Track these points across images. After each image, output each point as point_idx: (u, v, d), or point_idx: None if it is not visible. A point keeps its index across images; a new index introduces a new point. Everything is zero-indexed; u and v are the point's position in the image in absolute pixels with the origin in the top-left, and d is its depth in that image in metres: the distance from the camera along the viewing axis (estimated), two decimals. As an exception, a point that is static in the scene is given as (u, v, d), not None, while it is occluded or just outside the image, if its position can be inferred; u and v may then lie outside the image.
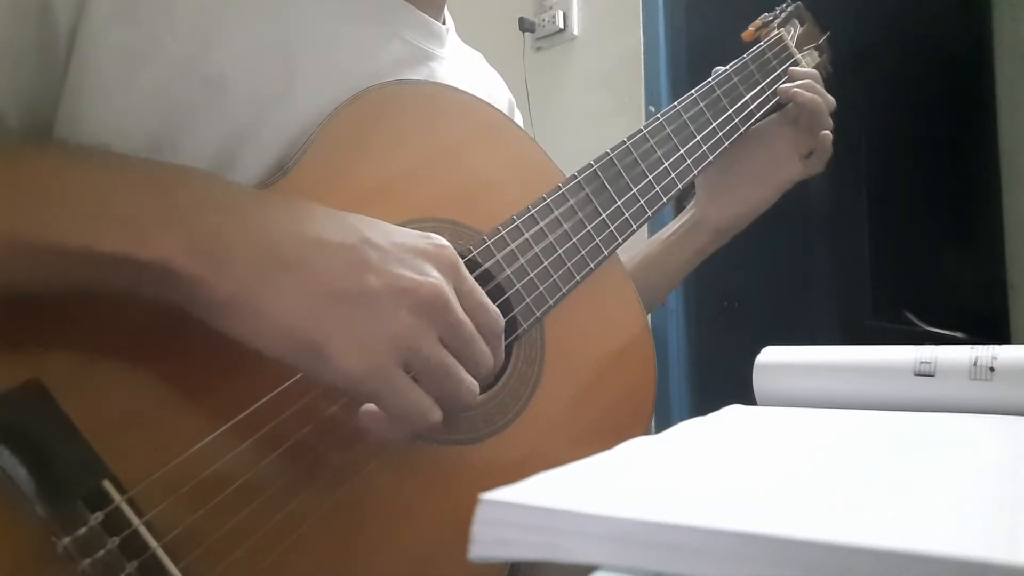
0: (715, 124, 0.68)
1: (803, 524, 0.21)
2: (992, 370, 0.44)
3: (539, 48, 1.97)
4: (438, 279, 0.41)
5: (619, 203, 0.60)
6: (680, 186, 0.65)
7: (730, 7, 1.06)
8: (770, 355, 0.51)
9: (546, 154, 0.61)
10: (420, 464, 0.48)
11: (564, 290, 0.56)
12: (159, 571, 0.38)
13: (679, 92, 0.93)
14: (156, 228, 0.38)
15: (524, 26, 1.94)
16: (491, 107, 0.59)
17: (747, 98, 0.72)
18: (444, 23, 0.65)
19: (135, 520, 0.38)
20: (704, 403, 1.61)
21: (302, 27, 0.52)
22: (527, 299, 0.54)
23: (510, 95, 0.76)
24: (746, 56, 0.74)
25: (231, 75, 0.48)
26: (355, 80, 0.52)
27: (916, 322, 1.64)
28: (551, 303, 0.55)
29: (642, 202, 0.62)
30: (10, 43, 0.43)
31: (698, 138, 0.67)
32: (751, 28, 0.80)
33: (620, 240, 0.60)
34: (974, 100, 1.73)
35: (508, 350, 0.54)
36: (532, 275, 0.54)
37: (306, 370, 0.40)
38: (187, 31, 0.47)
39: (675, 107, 0.66)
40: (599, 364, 0.58)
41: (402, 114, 0.54)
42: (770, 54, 0.75)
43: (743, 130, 0.71)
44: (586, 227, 0.58)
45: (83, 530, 0.36)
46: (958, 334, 1.51)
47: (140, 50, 0.45)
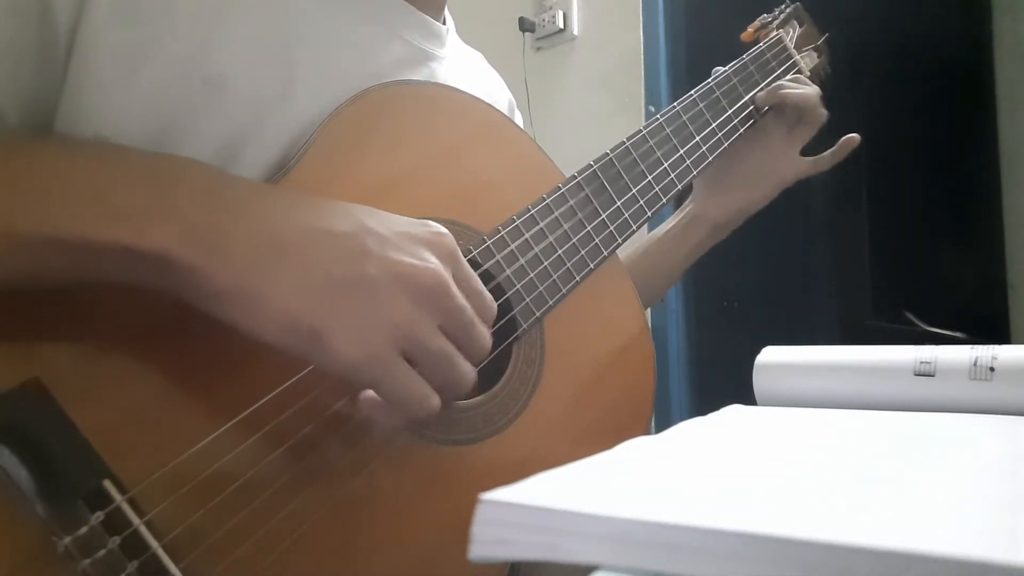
0: (714, 125, 0.68)
1: (803, 524, 0.21)
2: (992, 370, 0.44)
3: (539, 48, 1.97)
4: (437, 265, 0.41)
5: (619, 203, 0.60)
6: (679, 187, 0.65)
7: (730, 8, 1.06)
8: (770, 355, 0.51)
9: (546, 154, 0.61)
10: (420, 464, 0.48)
11: (564, 290, 0.56)
12: (160, 571, 0.38)
13: (679, 92, 0.93)
14: (154, 218, 0.38)
15: (524, 26, 1.95)
16: (491, 107, 0.59)
17: (746, 99, 0.72)
18: (444, 23, 0.65)
19: (136, 520, 0.38)
20: (704, 403, 1.61)
21: (302, 27, 0.52)
22: (527, 299, 0.54)
23: (510, 95, 0.76)
24: (745, 57, 0.74)
25: (231, 75, 0.48)
26: (355, 80, 0.52)
27: (916, 322, 1.64)
28: (551, 303, 0.55)
29: (642, 202, 0.62)
30: (10, 43, 0.43)
31: (697, 139, 0.67)
32: (750, 29, 0.80)
33: (620, 240, 0.60)
34: (974, 100, 1.73)
35: (508, 350, 0.54)
36: (532, 275, 0.54)
37: (305, 357, 0.40)
38: (187, 31, 0.47)
39: (675, 108, 0.67)
40: (599, 364, 0.58)
41: (402, 114, 0.54)
42: (769, 55, 0.75)
43: (742, 131, 0.71)
44: (586, 227, 0.58)
45: (84, 530, 0.36)
46: (958, 334, 1.51)
47: (140, 50, 0.45)
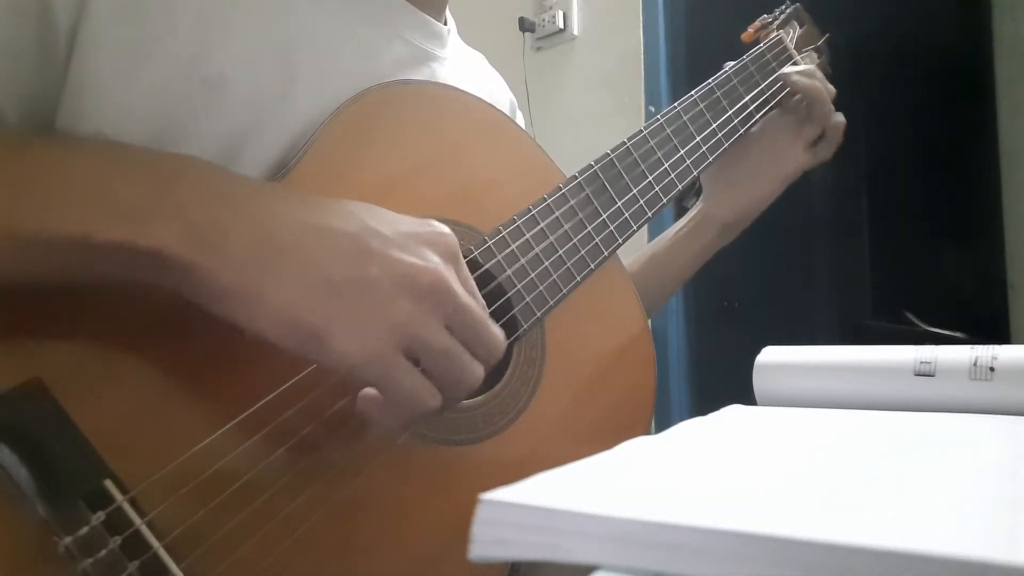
0: (715, 125, 0.68)
1: (803, 524, 0.21)
2: (992, 370, 0.44)
3: (539, 48, 1.97)
4: (439, 265, 0.41)
5: (619, 204, 0.60)
6: (680, 187, 0.65)
7: (730, 8, 1.06)
8: (770, 355, 0.51)
9: (547, 154, 0.61)
10: (420, 464, 0.48)
11: (564, 291, 0.56)
12: (160, 571, 0.38)
13: (679, 92, 0.93)
14: (154, 217, 0.38)
15: (524, 26, 1.94)
16: (492, 107, 0.59)
17: (746, 99, 0.72)
18: (445, 24, 0.65)
19: (136, 520, 0.38)
20: (704, 403, 1.61)
21: (303, 27, 0.52)
22: (527, 299, 0.54)
23: (512, 96, 0.76)
24: (746, 57, 0.74)
25: (232, 75, 0.48)
26: (356, 80, 0.52)
27: (916, 322, 1.64)
28: (551, 303, 0.55)
29: (642, 203, 0.62)
30: (10, 42, 0.43)
31: (698, 139, 0.67)
32: (750, 30, 0.80)
33: (620, 241, 0.60)
34: (974, 100, 1.73)
35: (509, 350, 0.54)
36: (533, 275, 0.54)
37: (306, 356, 0.40)
38: (188, 30, 0.47)
39: (675, 108, 0.67)
40: (599, 364, 0.58)
41: (403, 114, 0.54)
42: (769, 56, 0.75)
43: (742, 131, 0.71)
44: (587, 228, 0.58)
45: (84, 530, 0.36)
46: (958, 334, 1.51)
47: (141, 49, 0.46)
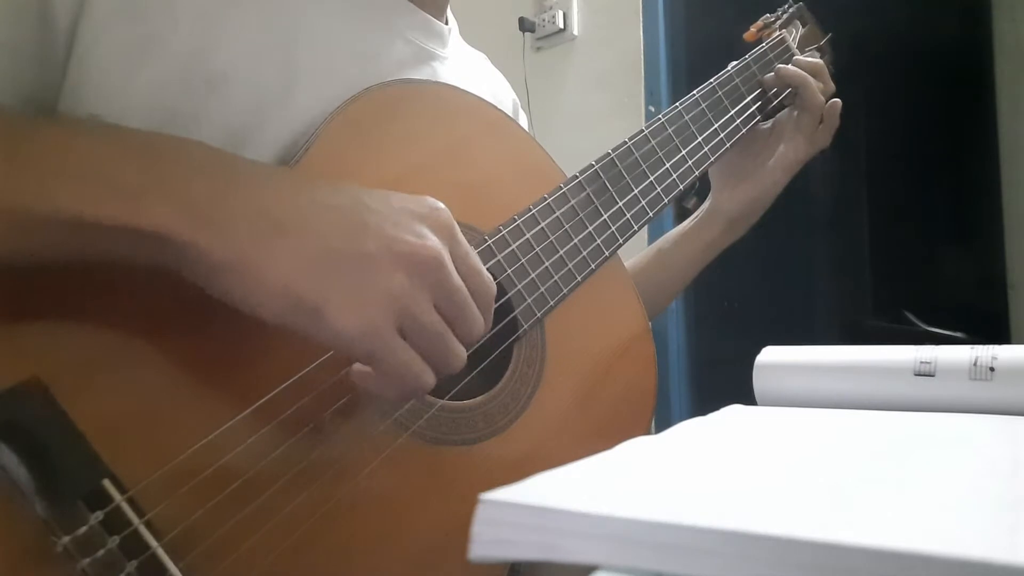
0: (717, 125, 0.68)
1: (803, 524, 0.21)
2: (992, 370, 0.44)
3: (539, 48, 1.97)
4: (434, 242, 0.41)
5: (620, 204, 0.60)
6: (681, 187, 0.65)
7: (730, 8, 1.06)
8: (770, 355, 0.51)
9: (548, 154, 0.61)
10: (421, 464, 0.48)
11: (565, 291, 0.56)
12: (159, 570, 0.38)
13: (679, 92, 0.93)
14: (151, 195, 0.38)
15: (524, 26, 1.94)
16: (492, 106, 0.59)
17: (748, 99, 0.72)
18: (447, 23, 0.65)
19: (135, 519, 0.38)
20: (704, 403, 1.61)
21: (304, 26, 0.52)
22: (528, 299, 0.54)
23: (515, 96, 0.76)
24: (748, 57, 0.74)
25: (232, 74, 0.48)
26: (357, 80, 0.52)
27: (916, 322, 1.64)
28: (552, 304, 0.55)
29: (643, 203, 0.62)
30: (8, 41, 0.43)
31: (700, 139, 0.67)
32: (753, 29, 0.80)
33: (621, 241, 0.60)
34: (974, 100, 1.73)
35: (509, 350, 0.54)
36: (533, 275, 0.54)
37: (301, 330, 0.40)
38: (189, 29, 0.47)
39: (677, 107, 0.66)
40: (600, 365, 0.58)
41: (404, 113, 0.54)
42: (772, 55, 0.75)
43: (744, 131, 0.71)
44: (587, 227, 0.58)
45: (83, 529, 0.36)
46: (958, 334, 1.51)
47: (142, 48, 0.46)
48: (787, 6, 0.82)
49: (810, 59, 0.76)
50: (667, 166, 0.64)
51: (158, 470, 0.39)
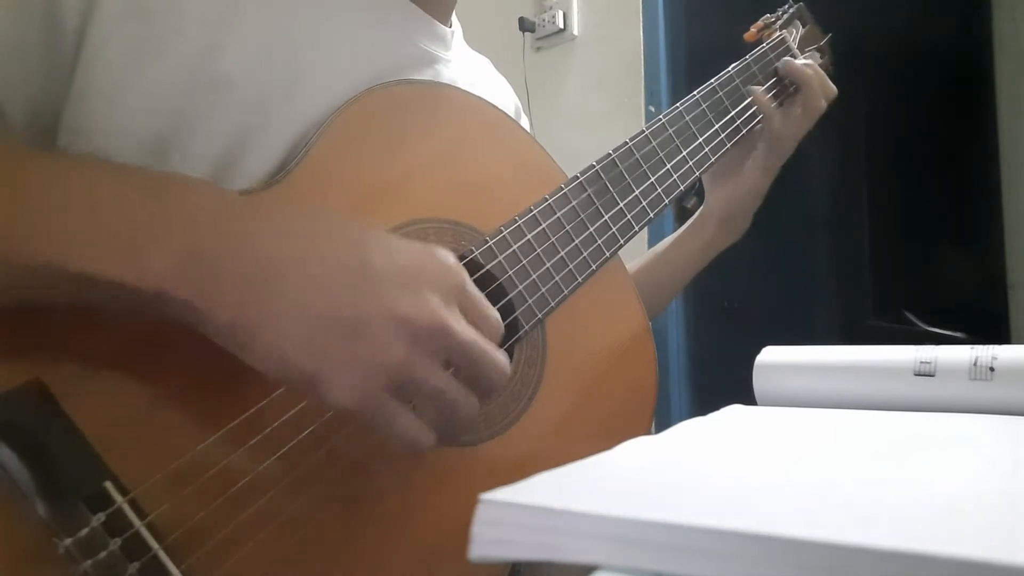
0: (717, 126, 0.68)
1: (803, 524, 0.21)
2: (992, 370, 0.44)
3: (539, 48, 1.97)
4: (437, 306, 0.40)
5: (621, 204, 0.60)
6: (682, 188, 0.65)
7: (730, 8, 1.06)
8: (770, 355, 0.51)
9: (549, 155, 0.61)
10: (422, 465, 0.48)
11: (566, 291, 0.56)
12: (161, 572, 0.38)
13: (679, 92, 0.93)
14: (151, 253, 0.37)
15: (524, 26, 1.95)
16: (494, 107, 0.59)
17: (749, 100, 0.72)
18: (450, 27, 0.65)
19: (137, 521, 0.38)
20: (704, 403, 1.61)
21: (308, 29, 0.53)
22: (529, 300, 0.54)
23: (517, 100, 0.76)
24: (748, 57, 0.74)
25: (237, 76, 0.48)
26: (360, 81, 0.52)
27: (916, 322, 1.64)
28: (553, 304, 0.55)
29: (644, 204, 0.62)
30: (17, 42, 0.43)
31: (700, 140, 0.67)
32: (753, 29, 0.80)
33: (622, 241, 0.60)
34: (974, 100, 1.73)
35: (510, 352, 0.54)
36: (534, 276, 0.54)
37: (300, 392, 0.41)
38: (194, 31, 0.47)
39: (678, 108, 0.66)
40: (601, 365, 0.58)
41: (405, 113, 0.54)
42: (772, 55, 0.75)
43: (745, 132, 0.71)
44: (588, 228, 0.58)
45: (84, 531, 0.36)
46: (958, 334, 1.51)
47: (148, 49, 0.46)
48: (787, 6, 0.82)
49: (811, 61, 0.76)
50: (668, 167, 0.64)
51: (160, 472, 0.39)
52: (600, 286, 0.59)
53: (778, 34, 0.78)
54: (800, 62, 0.74)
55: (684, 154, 0.65)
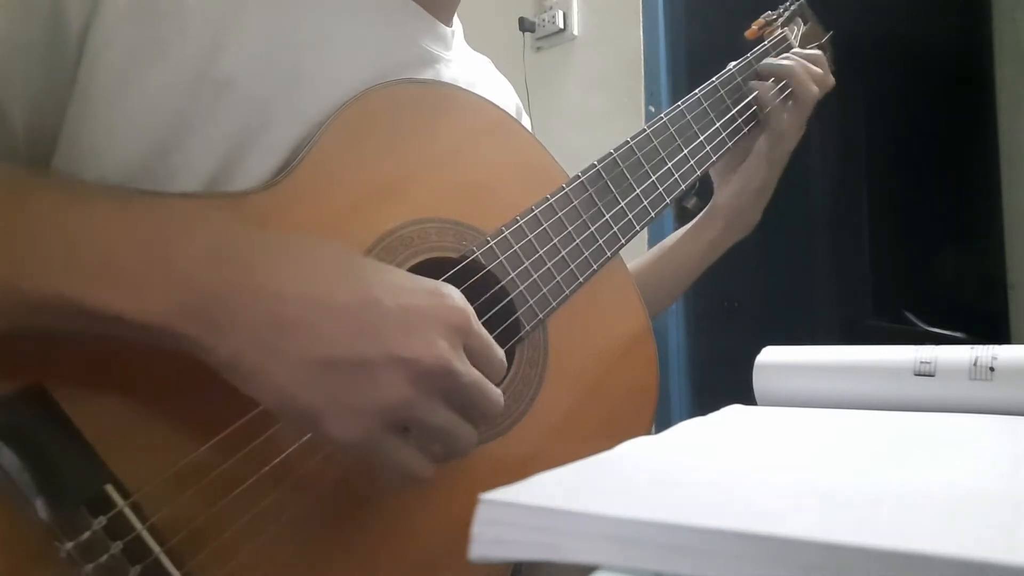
0: (718, 124, 0.68)
1: (803, 524, 0.21)
2: (992, 370, 0.44)
3: (539, 48, 1.97)
4: (441, 349, 0.40)
5: (622, 204, 0.60)
6: (683, 187, 0.65)
7: (730, 7, 1.06)
8: (770, 355, 0.51)
9: (550, 154, 0.60)
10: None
11: (567, 291, 0.56)
12: (162, 575, 0.38)
13: (679, 92, 0.93)
14: (156, 290, 0.38)
15: (524, 26, 1.95)
16: (495, 106, 0.59)
17: (751, 98, 0.71)
18: (452, 27, 0.65)
19: (138, 525, 0.38)
20: (704, 403, 1.61)
21: (309, 29, 0.53)
22: (530, 301, 0.54)
23: (518, 100, 0.76)
24: (749, 55, 0.74)
25: (239, 77, 0.48)
26: (361, 82, 0.52)
27: (916, 322, 1.64)
28: (554, 305, 0.55)
29: (645, 203, 0.62)
30: (18, 41, 0.43)
31: (702, 138, 0.67)
32: (754, 27, 0.80)
33: (623, 241, 0.60)
34: (974, 100, 1.73)
35: (511, 352, 0.54)
36: (535, 276, 0.54)
37: (300, 430, 0.42)
38: (197, 33, 0.47)
39: (679, 107, 0.66)
40: (602, 365, 0.58)
41: (406, 113, 0.54)
42: (773, 53, 0.75)
43: (746, 130, 0.71)
44: (589, 228, 0.58)
45: (86, 535, 0.36)
46: (958, 334, 1.51)
47: (150, 50, 0.46)
48: (788, 4, 0.82)
49: (809, 51, 0.76)
50: (669, 166, 0.64)
51: (161, 475, 0.39)
52: (601, 286, 0.59)
53: (779, 32, 0.78)
54: (780, 59, 0.74)
55: (686, 152, 0.65)
